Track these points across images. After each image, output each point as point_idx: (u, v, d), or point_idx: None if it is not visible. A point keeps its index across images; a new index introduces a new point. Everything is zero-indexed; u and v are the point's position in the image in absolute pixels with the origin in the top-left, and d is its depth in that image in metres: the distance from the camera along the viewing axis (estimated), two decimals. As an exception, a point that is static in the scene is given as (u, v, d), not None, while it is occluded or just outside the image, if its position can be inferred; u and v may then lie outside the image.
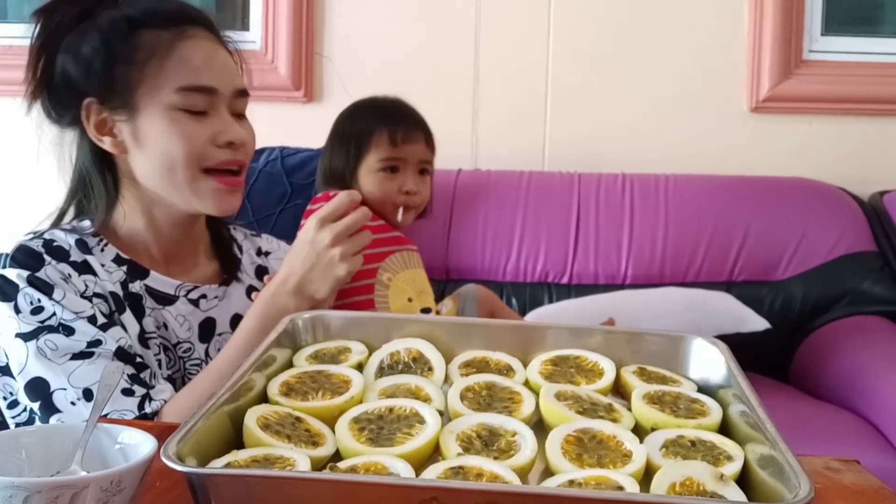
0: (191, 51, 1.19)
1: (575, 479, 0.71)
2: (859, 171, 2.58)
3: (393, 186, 1.71)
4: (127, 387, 1.12)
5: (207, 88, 1.19)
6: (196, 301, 1.28)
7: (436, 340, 0.96)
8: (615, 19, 2.63)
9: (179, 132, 1.18)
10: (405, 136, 1.72)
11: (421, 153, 1.74)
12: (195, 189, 1.20)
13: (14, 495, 0.65)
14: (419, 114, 1.80)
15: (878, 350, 2.08)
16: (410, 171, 1.72)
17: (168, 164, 1.19)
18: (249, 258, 1.40)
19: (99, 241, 1.23)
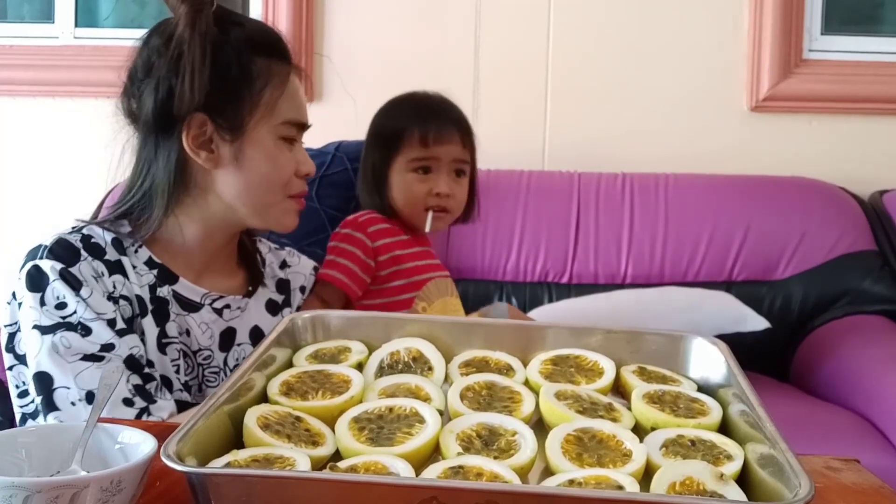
0: (297, 88, 1.28)
1: (575, 479, 0.71)
2: (859, 171, 2.58)
3: (423, 188, 1.59)
4: (129, 397, 1.12)
5: (304, 125, 1.29)
6: (220, 310, 1.29)
7: (436, 340, 0.96)
8: (615, 19, 2.62)
9: (280, 160, 1.25)
10: (437, 134, 1.60)
11: (455, 153, 1.61)
12: (281, 208, 1.28)
13: (14, 495, 0.65)
14: (458, 110, 1.68)
15: (879, 349, 2.08)
16: (444, 171, 1.60)
17: (265, 187, 1.25)
18: (272, 271, 1.42)
19: (133, 243, 1.24)
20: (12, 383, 1.19)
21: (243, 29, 1.24)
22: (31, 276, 1.16)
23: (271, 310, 1.37)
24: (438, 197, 1.59)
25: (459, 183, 1.63)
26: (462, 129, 1.64)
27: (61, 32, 2.77)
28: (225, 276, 1.33)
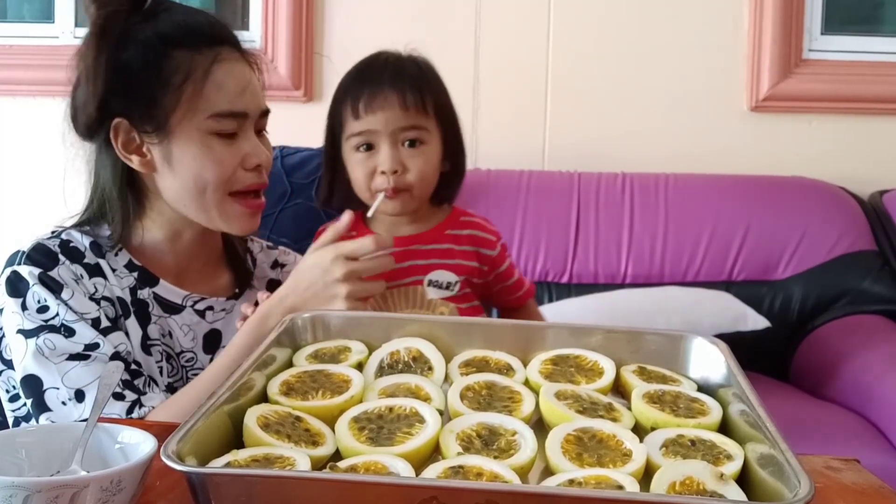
0: (225, 76, 1.19)
1: (575, 479, 0.71)
2: (859, 171, 2.58)
3: (368, 168, 1.38)
4: (118, 391, 1.12)
5: (240, 114, 1.20)
6: (202, 312, 1.28)
7: (436, 340, 0.96)
8: (615, 19, 2.62)
9: (212, 157, 1.18)
10: (368, 101, 1.37)
11: (395, 120, 1.36)
12: (222, 211, 1.21)
13: (14, 495, 0.65)
14: (400, 67, 1.41)
15: (878, 349, 2.08)
16: (386, 144, 1.36)
17: (199, 188, 1.19)
18: (262, 271, 1.39)
19: (113, 246, 1.23)
20: (1, 388, 1.19)
21: (160, 23, 1.18)
22: (10, 282, 1.16)
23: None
24: (384, 175, 1.37)
25: (415, 155, 1.38)
26: (402, 90, 1.38)
27: (61, 32, 2.77)
28: (208, 277, 1.31)
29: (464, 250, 1.44)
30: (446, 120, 1.43)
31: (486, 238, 1.47)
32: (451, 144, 1.44)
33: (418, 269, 1.41)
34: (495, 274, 1.47)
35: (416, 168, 1.37)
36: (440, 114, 1.41)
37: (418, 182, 1.38)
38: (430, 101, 1.40)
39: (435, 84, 1.43)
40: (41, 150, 2.74)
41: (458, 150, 1.46)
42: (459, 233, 1.46)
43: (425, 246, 1.43)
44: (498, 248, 1.47)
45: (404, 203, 1.40)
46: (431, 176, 1.40)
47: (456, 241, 1.45)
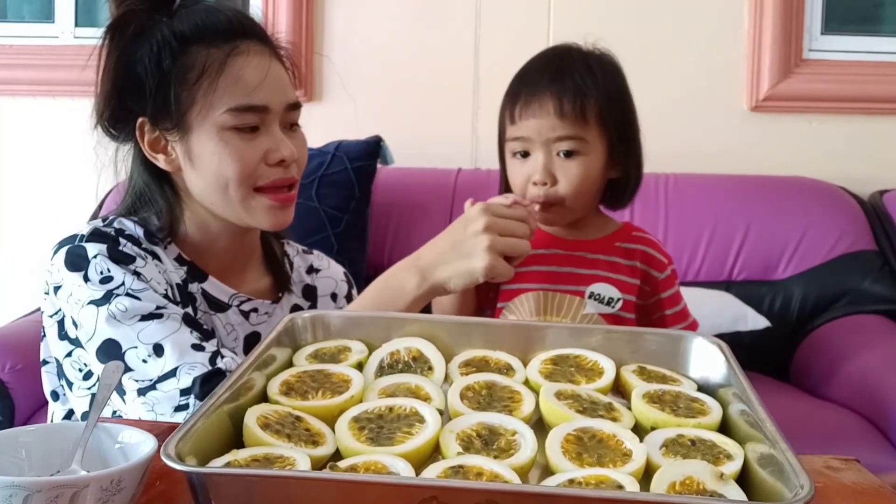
0: (242, 68, 1.17)
1: (575, 479, 0.71)
2: (859, 171, 2.58)
3: (523, 175, 1.33)
4: (197, 343, 1.11)
5: (259, 107, 1.17)
6: (247, 313, 1.27)
7: (436, 340, 0.96)
8: (615, 19, 2.62)
9: (231, 153, 1.16)
10: (524, 107, 1.31)
11: (549, 128, 1.29)
12: (248, 206, 1.19)
13: (14, 495, 0.65)
14: (573, 67, 1.32)
15: (878, 349, 2.08)
16: (539, 153, 1.30)
17: (221, 184, 1.18)
18: (299, 276, 1.38)
19: (164, 239, 1.23)
20: (74, 369, 1.18)
21: (177, 21, 1.18)
22: (70, 257, 1.15)
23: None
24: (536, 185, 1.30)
25: (570, 166, 1.29)
26: (559, 95, 1.29)
27: (61, 32, 2.77)
28: (252, 278, 1.31)
29: (632, 266, 1.35)
30: (613, 126, 1.32)
31: (657, 258, 1.37)
32: (620, 150, 1.33)
33: (580, 277, 1.33)
34: (656, 299, 1.36)
35: (568, 180, 1.29)
36: (605, 120, 1.30)
37: (571, 194, 1.30)
38: (593, 108, 1.29)
39: (604, 86, 1.31)
40: (41, 149, 2.74)
41: (630, 155, 1.36)
42: (630, 247, 1.37)
43: (591, 254, 1.35)
44: (667, 272, 1.37)
45: (557, 216, 1.33)
46: (588, 187, 1.31)
47: (625, 254, 1.36)
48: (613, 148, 1.32)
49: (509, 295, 1.34)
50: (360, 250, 2.30)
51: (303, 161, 1.24)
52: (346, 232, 2.26)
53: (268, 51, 1.21)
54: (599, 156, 1.31)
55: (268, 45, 1.22)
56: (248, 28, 1.20)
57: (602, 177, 1.33)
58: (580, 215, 1.35)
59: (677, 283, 1.39)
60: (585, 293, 1.32)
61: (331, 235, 2.26)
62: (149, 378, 1.10)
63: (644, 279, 1.36)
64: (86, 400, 1.18)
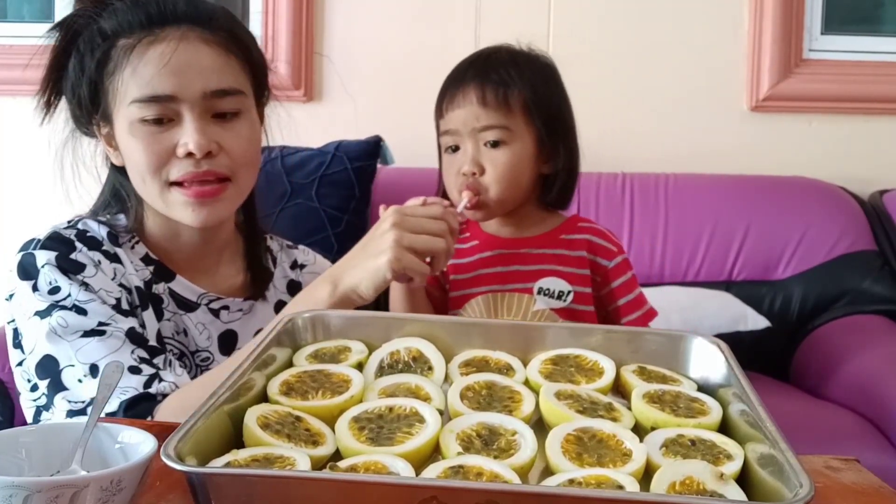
0: (148, 58, 1.12)
1: (575, 479, 0.71)
2: (859, 171, 2.58)
3: (453, 169, 1.32)
4: (135, 365, 1.09)
5: (162, 97, 1.12)
6: (217, 311, 1.25)
7: (436, 340, 0.96)
8: (615, 19, 2.62)
9: (138, 145, 1.13)
10: (450, 99, 1.32)
11: (473, 118, 1.30)
12: (166, 202, 1.16)
13: (14, 495, 0.64)
14: (499, 60, 1.33)
15: (878, 349, 2.08)
16: (467, 144, 1.30)
17: (138, 178, 1.16)
18: (283, 272, 1.35)
19: (131, 238, 1.22)
20: (23, 379, 1.16)
21: (109, 17, 1.15)
22: (22, 265, 1.15)
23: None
24: (464, 177, 1.30)
25: (495, 156, 1.29)
26: (482, 85, 1.30)
27: (61, 32, 2.77)
28: (226, 275, 1.28)
29: (578, 256, 1.33)
30: (541, 118, 1.30)
31: (603, 246, 1.34)
32: (550, 144, 1.32)
33: (527, 274, 1.32)
34: (608, 290, 1.34)
35: (494, 168, 1.28)
36: (531, 111, 1.30)
37: (496, 184, 1.28)
38: (517, 98, 1.28)
39: (529, 79, 1.31)
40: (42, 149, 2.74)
41: (563, 150, 1.33)
42: (575, 237, 1.35)
43: (535, 250, 1.34)
44: (617, 260, 1.34)
45: (487, 209, 1.31)
46: (517, 177, 1.29)
47: (570, 245, 1.34)
48: (542, 141, 1.31)
49: (459, 302, 1.34)
50: (360, 250, 2.30)
51: (236, 154, 1.16)
52: (346, 232, 2.26)
53: (197, 35, 1.15)
54: (527, 146, 1.30)
55: (201, 29, 1.15)
56: (180, 14, 1.15)
57: (532, 168, 1.32)
58: (512, 207, 1.33)
59: (630, 272, 1.36)
60: (534, 289, 1.30)
61: (331, 235, 2.26)
62: (81, 400, 1.08)
63: (593, 269, 1.34)
64: (31, 412, 1.16)
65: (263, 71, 1.25)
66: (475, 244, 1.37)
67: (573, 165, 1.36)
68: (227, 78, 1.16)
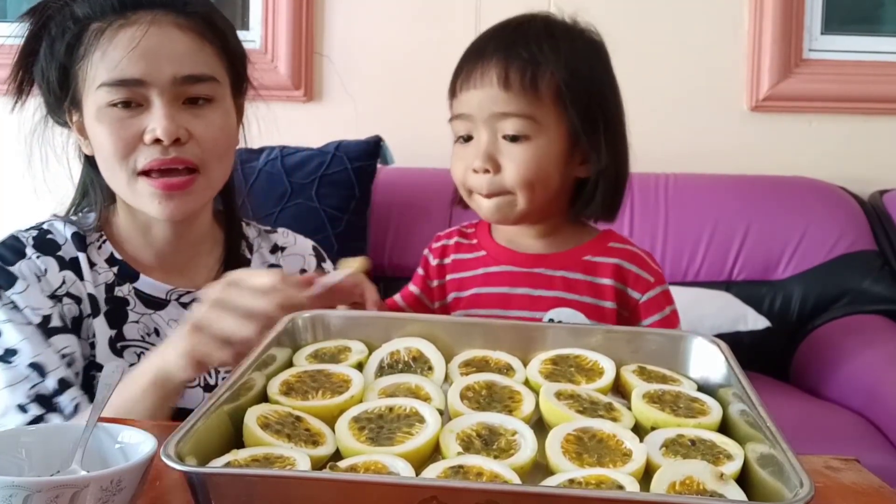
0: (117, 41, 1.09)
1: (575, 479, 0.71)
2: (859, 171, 2.58)
3: (464, 162, 1.12)
4: (24, 403, 1.06)
5: (130, 80, 1.09)
6: (188, 306, 1.19)
7: (436, 340, 0.96)
8: (615, 19, 2.61)
9: (105, 130, 1.10)
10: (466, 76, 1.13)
11: (491, 102, 1.09)
12: (134, 192, 1.12)
13: (14, 495, 0.64)
14: (531, 31, 1.13)
15: (879, 349, 2.08)
16: (482, 134, 1.10)
17: (106, 166, 1.13)
18: (261, 258, 1.30)
19: (99, 238, 1.19)
20: None
21: (77, 3, 1.13)
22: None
23: None
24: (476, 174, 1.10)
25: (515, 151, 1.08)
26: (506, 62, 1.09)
27: (61, 32, 2.77)
28: (202, 269, 1.23)
29: (602, 284, 1.10)
30: (577, 107, 1.08)
31: (635, 274, 1.11)
32: (588, 141, 1.08)
33: (536, 301, 1.10)
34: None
35: (515, 167, 1.06)
36: (564, 99, 1.07)
37: (519, 185, 1.06)
38: (548, 82, 1.05)
39: (567, 58, 1.08)
40: (41, 150, 2.74)
41: (605, 148, 1.09)
42: (601, 260, 1.11)
43: (551, 271, 1.12)
44: (651, 293, 1.10)
45: (503, 208, 1.08)
46: (543, 180, 1.07)
47: (594, 270, 1.11)
48: (577, 136, 1.08)
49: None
50: (360, 250, 2.30)
51: (206, 142, 1.12)
52: (346, 232, 2.26)
53: (170, 20, 1.12)
54: (555, 142, 1.08)
55: (175, 13, 1.12)
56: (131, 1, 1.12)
57: (562, 170, 1.09)
58: (539, 218, 1.11)
59: (669, 308, 1.12)
60: (543, 320, 1.09)
61: (331, 235, 2.26)
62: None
63: (621, 301, 1.11)
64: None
65: (241, 60, 1.22)
66: (481, 255, 1.16)
67: (620, 169, 1.12)
68: (200, 64, 1.13)
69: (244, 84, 1.24)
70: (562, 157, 1.09)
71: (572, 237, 1.15)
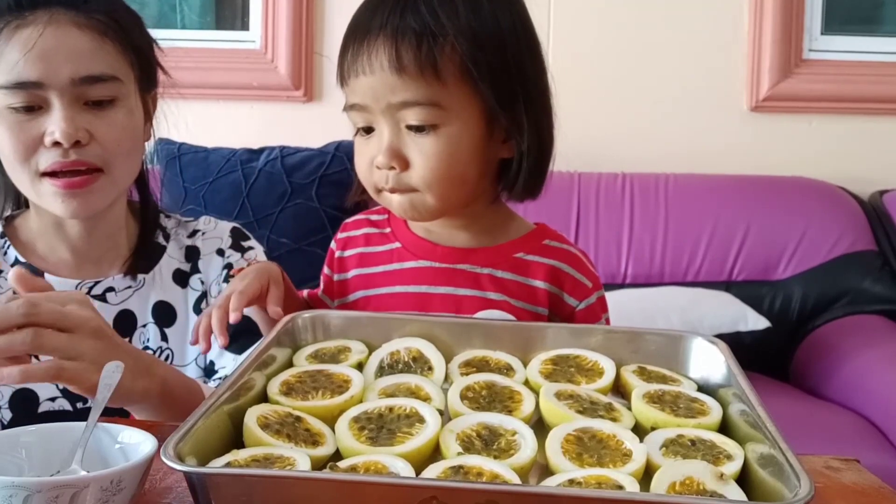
0: (13, 43, 1.08)
1: (575, 479, 0.71)
2: (859, 171, 2.58)
3: (366, 156, 0.98)
4: None
5: (27, 83, 1.07)
6: (102, 296, 1.18)
7: (436, 340, 0.96)
8: (615, 19, 2.62)
9: (6, 135, 1.09)
10: (353, 59, 0.95)
11: (387, 90, 0.93)
12: (37, 192, 1.12)
13: (14, 495, 0.65)
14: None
15: (879, 349, 2.08)
16: (382, 125, 0.95)
17: (10, 167, 1.12)
18: (178, 243, 1.28)
19: (4, 244, 1.19)
20: None
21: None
22: None
23: (179, 280, 1.24)
24: (381, 171, 0.97)
25: (423, 143, 0.94)
26: (396, 39, 0.92)
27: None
28: (115, 262, 1.22)
29: (535, 287, 1.01)
30: (491, 79, 0.93)
31: (576, 279, 1.01)
32: (508, 117, 0.95)
33: (460, 301, 1.00)
34: None
35: (424, 161, 0.93)
36: (472, 75, 0.91)
37: (430, 182, 0.94)
38: (450, 57, 0.90)
39: (467, 21, 0.92)
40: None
41: (528, 123, 0.96)
42: (534, 259, 1.01)
43: (477, 268, 1.01)
44: (589, 300, 1.02)
45: (417, 205, 0.96)
46: (459, 172, 0.94)
47: (525, 270, 1.01)
48: (494, 113, 0.94)
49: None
50: (360, 250, 2.30)
51: (108, 144, 1.11)
52: (346, 232, 2.26)
53: (68, 18, 1.10)
54: (470, 128, 0.94)
55: (75, 12, 1.10)
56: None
57: (481, 155, 0.96)
58: (456, 209, 0.98)
59: (604, 316, 1.04)
60: None
61: (331, 235, 2.26)
62: None
63: (554, 307, 1.01)
64: None
65: (147, 56, 1.20)
66: (395, 247, 1.04)
67: (544, 143, 0.99)
68: (100, 63, 1.11)
69: (153, 79, 1.21)
70: (479, 142, 0.95)
71: (500, 228, 1.04)
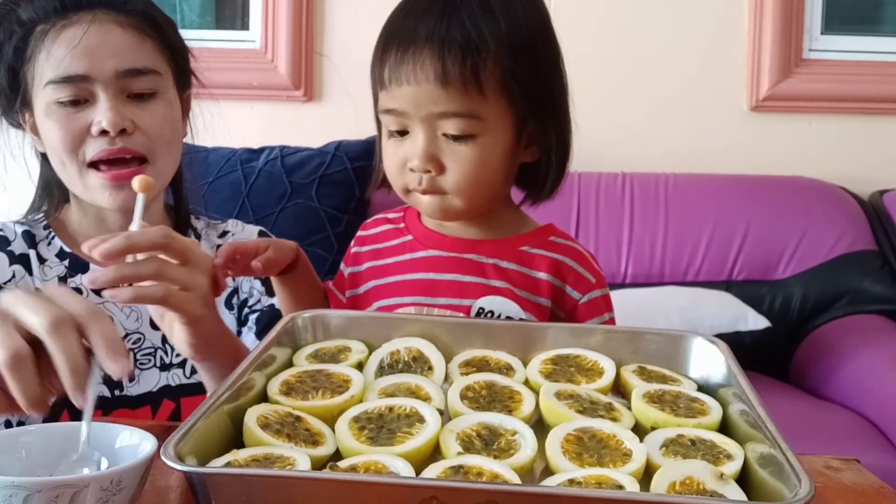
0: (60, 40, 1.14)
1: (575, 478, 0.71)
2: (859, 171, 2.58)
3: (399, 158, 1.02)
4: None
5: (75, 77, 1.13)
6: None
7: (436, 339, 0.96)
8: (615, 18, 2.62)
9: (54, 125, 1.14)
10: (395, 66, 0.99)
11: (429, 101, 0.96)
12: (85, 185, 1.16)
13: (14, 495, 0.65)
14: (465, 7, 0.97)
15: (879, 349, 2.08)
16: (419, 132, 0.99)
17: (58, 161, 1.17)
18: (209, 243, 1.33)
19: (48, 235, 1.24)
20: None
21: (22, 6, 1.16)
22: None
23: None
24: (415, 173, 0.99)
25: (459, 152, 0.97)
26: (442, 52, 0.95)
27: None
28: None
29: (538, 279, 1.03)
30: (523, 93, 0.98)
31: (579, 273, 1.04)
32: (535, 125, 1.01)
33: (464, 287, 1.03)
34: None
35: (459, 168, 0.97)
36: (509, 88, 0.97)
37: (463, 187, 0.98)
38: (492, 73, 0.95)
39: (508, 35, 0.96)
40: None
41: (552, 129, 1.03)
42: (538, 253, 1.04)
43: (483, 258, 1.04)
44: (592, 295, 1.05)
45: (446, 206, 1.00)
46: (489, 177, 0.99)
47: (529, 262, 1.04)
48: (524, 123, 1.00)
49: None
50: (360, 250, 2.30)
51: (151, 133, 1.16)
52: (346, 232, 2.26)
53: (110, 18, 1.16)
54: (503, 137, 0.99)
55: (115, 12, 1.16)
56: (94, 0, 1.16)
57: (509, 162, 1.02)
58: (479, 210, 1.03)
59: (608, 315, 1.07)
60: (472, 309, 1.02)
61: (331, 235, 2.27)
62: None
63: (557, 300, 1.04)
64: None
65: (183, 55, 1.26)
66: (408, 240, 1.09)
67: (566, 147, 1.05)
68: (141, 58, 1.17)
69: (188, 79, 1.27)
70: (509, 150, 1.01)
71: (509, 225, 1.08)
